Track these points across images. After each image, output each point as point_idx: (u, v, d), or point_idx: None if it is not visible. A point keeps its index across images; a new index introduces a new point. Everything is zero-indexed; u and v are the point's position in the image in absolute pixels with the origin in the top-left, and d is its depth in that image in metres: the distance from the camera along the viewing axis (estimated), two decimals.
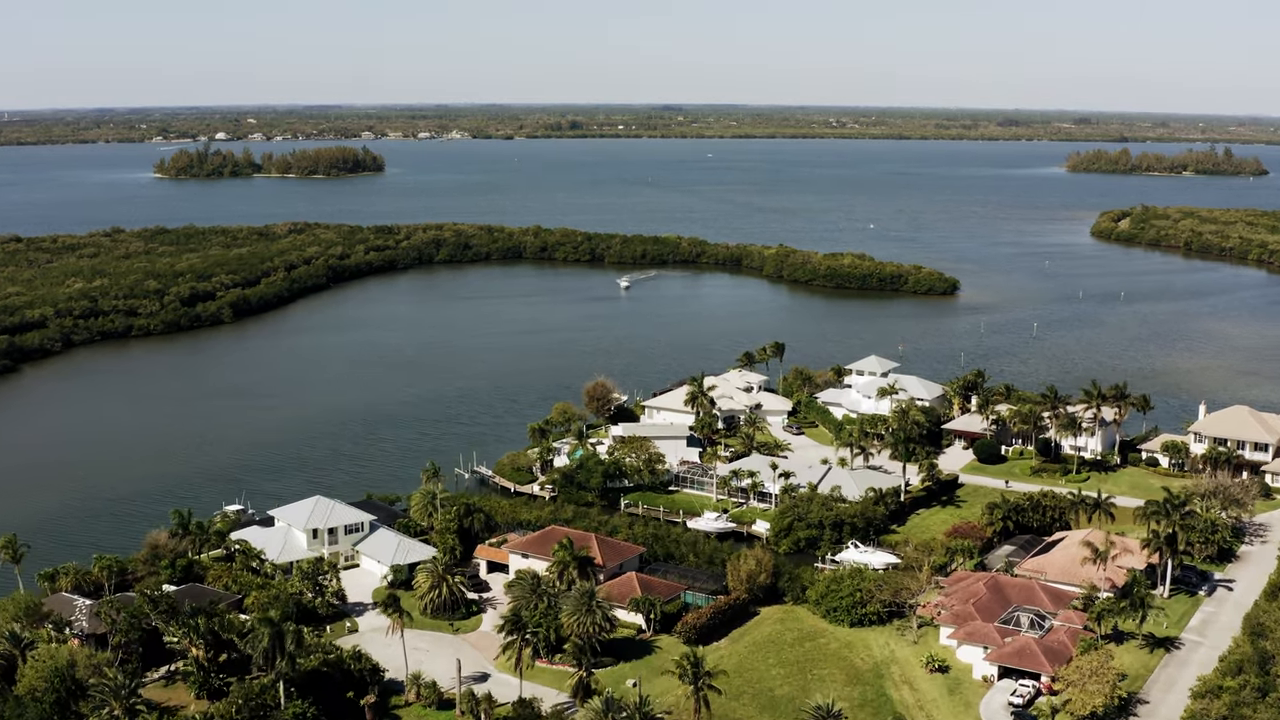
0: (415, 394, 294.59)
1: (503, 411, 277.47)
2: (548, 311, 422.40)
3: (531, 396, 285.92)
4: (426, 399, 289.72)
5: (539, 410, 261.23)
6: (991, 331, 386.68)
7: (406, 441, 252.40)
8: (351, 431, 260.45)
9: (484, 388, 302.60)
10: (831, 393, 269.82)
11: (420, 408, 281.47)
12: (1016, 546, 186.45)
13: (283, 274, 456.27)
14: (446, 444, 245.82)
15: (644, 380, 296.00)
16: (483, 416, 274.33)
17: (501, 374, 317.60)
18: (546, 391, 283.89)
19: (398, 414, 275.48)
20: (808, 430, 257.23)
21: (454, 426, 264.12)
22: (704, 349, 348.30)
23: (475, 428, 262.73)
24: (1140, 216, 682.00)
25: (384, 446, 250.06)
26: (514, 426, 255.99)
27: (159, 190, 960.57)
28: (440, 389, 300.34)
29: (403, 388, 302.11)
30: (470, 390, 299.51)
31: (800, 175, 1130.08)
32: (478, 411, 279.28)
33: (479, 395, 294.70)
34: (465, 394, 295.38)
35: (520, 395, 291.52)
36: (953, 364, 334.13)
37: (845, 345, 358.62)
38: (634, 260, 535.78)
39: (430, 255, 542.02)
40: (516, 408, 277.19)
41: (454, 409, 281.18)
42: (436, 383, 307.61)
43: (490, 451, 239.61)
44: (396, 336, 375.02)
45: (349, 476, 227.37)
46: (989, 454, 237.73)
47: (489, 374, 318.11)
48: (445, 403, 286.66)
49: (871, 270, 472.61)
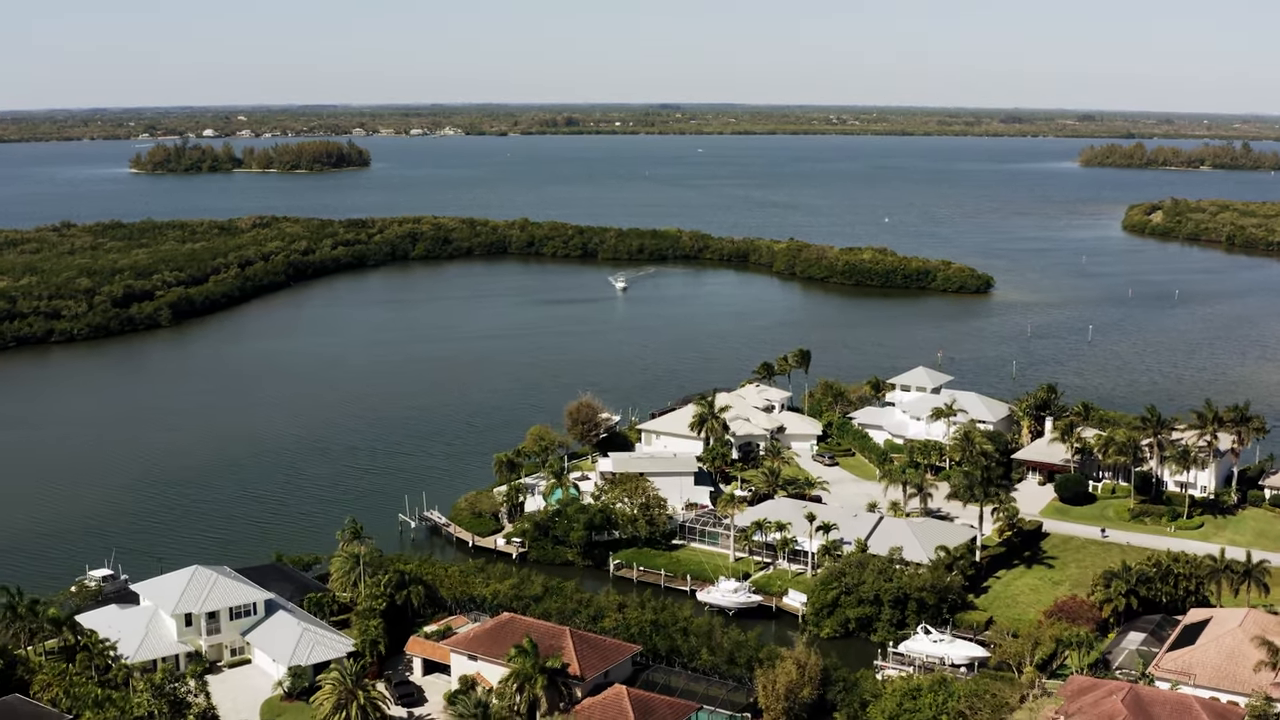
0: (359, 415, 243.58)
1: (465, 437, 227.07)
2: (530, 313, 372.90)
3: (502, 418, 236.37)
4: (373, 421, 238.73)
5: (510, 435, 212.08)
6: (1037, 336, 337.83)
7: (341, 479, 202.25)
8: (272, 465, 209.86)
9: (444, 406, 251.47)
10: (870, 412, 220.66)
11: (363, 433, 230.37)
12: (1146, 633, 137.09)
13: (235, 271, 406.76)
14: (391, 482, 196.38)
15: (641, 396, 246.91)
16: (440, 444, 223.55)
17: (468, 389, 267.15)
18: (521, 412, 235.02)
19: (334, 441, 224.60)
20: (843, 460, 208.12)
21: (403, 458, 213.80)
22: (712, 358, 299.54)
23: (429, 459, 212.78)
24: (1172, 210, 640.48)
25: (311, 486, 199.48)
26: (478, 457, 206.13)
27: (131, 185, 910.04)
28: (391, 408, 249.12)
29: (345, 407, 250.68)
30: (428, 410, 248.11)
31: (802, 170, 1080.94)
32: (434, 437, 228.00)
33: (437, 416, 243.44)
34: (421, 415, 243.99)
35: (488, 416, 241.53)
36: (1000, 374, 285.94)
37: (873, 352, 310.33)
38: (630, 256, 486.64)
39: (405, 251, 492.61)
40: (482, 432, 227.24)
41: (405, 434, 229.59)
42: (387, 400, 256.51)
43: (447, 490, 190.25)
44: (349, 343, 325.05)
45: (260, 528, 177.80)
46: (1075, 492, 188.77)
47: (452, 389, 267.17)
48: (395, 426, 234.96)
49: (895, 266, 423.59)
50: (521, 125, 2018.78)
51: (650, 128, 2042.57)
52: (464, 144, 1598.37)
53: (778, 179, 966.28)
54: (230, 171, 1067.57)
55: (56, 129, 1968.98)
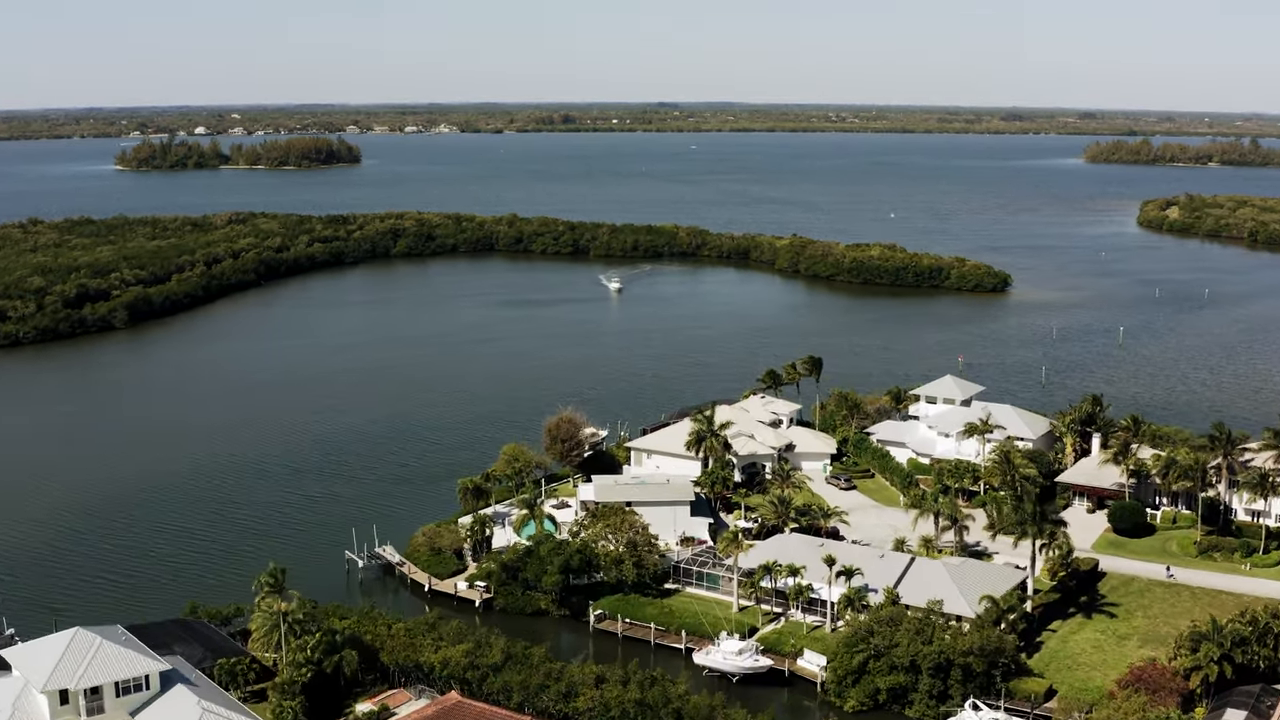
0: (309, 431, 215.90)
1: (429, 457, 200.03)
2: (514, 315, 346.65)
3: (473, 434, 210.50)
4: (323, 438, 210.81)
5: (480, 455, 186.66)
6: (1062, 338, 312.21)
7: (281, 509, 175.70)
8: (204, 492, 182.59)
9: (408, 420, 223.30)
10: (890, 427, 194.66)
11: (311, 452, 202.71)
12: (1246, 709, 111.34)
13: (201, 270, 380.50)
14: (340, 512, 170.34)
15: (632, 409, 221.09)
16: (399, 466, 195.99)
17: (436, 399, 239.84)
18: (495, 427, 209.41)
19: (277, 462, 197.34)
20: (861, 483, 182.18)
21: (354, 483, 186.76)
22: (711, 365, 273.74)
23: (385, 484, 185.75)
24: (1188, 206, 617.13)
25: (246, 517, 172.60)
26: (442, 481, 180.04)
27: (114, 182, 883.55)
28: (346, 422, 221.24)
29: (294, 421, 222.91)
30: (388, 424, 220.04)
31: (802, 167, 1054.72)
32: (392, 458, 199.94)
33: (398, 432, 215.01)
34: (379, 430, 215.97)
35: (458, 432, 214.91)
36: (1026, 381, 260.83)
37: (884, 357, 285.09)
38: (623, 253, 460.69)
39: (386, 247, 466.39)
40: (449, 451, 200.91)
41: (359, 454, 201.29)
42: (342, 413, 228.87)
43: (404, 521, 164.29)
44: (312, 347, 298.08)
45: (178, 571, 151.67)
46: (1132, 522, 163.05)
47: (419, 399, 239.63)
48: (348, 444, 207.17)
49: (905, 263, 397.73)
50: (518, 123, 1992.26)
51: (648, 125, 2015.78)
52: (458, 141, 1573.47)
53: (776, 175, 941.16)
54: (217, 168, 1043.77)
55: (48, 127, 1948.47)
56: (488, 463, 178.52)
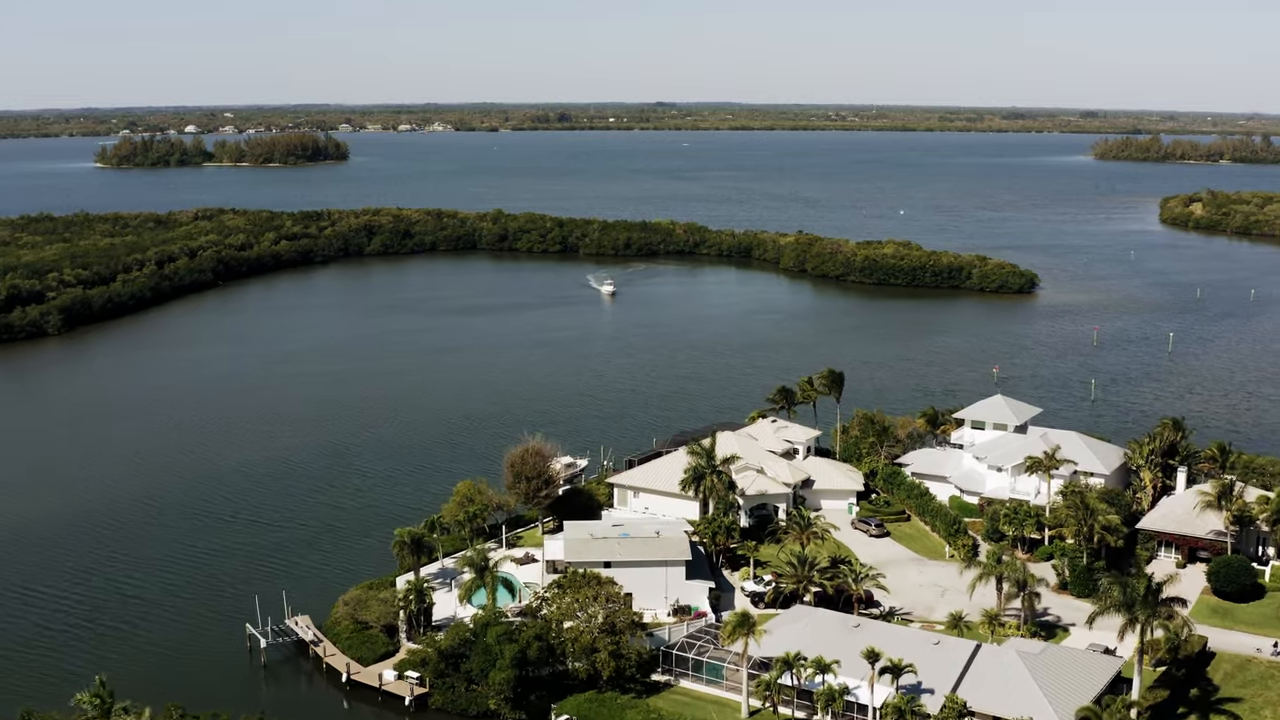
0: (217, 462, 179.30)
1: (363, 496, 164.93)
2: (492, 320, 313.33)
3: (425, 466, 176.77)
4: (234, 471, 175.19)
5: (430, 494, 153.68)
6: (1101, 346, 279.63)
7: (167, 567, 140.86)
8: (76, 545, 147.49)
9: (343, 449, 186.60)
10: (928, 457, 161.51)
11: (215, 491, 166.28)
12: None
13: (151, 269, 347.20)
14: (243, 571, 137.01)
15: (617, 433, 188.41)
16: (326, 508, 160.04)
17: (384, 424, 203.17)
18: (451, 458, 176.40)
19: (174, 503, 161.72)
20: (895, 527, 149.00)
21: (265, 530, 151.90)
22: (711, 379, 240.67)
23: (308, 533, 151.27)
24: (1211, 202, 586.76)
25: (120, 578, 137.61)
26: (377, 529, 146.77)
27: (91, 179, 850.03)
28: (266, 452, 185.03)
29: (203, 450, 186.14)
30: (318, 453, 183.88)
31: (803, 164, 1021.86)
32: (316, 496, 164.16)
33: (329, 464, 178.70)
34: (306, 462, 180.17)
35: (405, 463, 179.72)
36: (1068, 397, 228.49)
37: (906, 367, 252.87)
38: (615, 251, 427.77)
39: (360, 245, 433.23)
40: (392, 488, 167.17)
41: (276, 493, 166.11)
42: (265, 438, 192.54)
43: (327, 584, 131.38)
44: (248, 357, 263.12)
45: (16, 661, 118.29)
46: (1238, 582, 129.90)
47: (362, 423, 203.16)
48: (266, 479, 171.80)
49: (922, 262, 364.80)
50: (513, 121, 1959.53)
51: (646, 124, 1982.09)
52: (452, 139, 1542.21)
53: (777, 172, 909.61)
54: (200, 166, 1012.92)
55: (36, 125, 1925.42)
56: (439, 503, 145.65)
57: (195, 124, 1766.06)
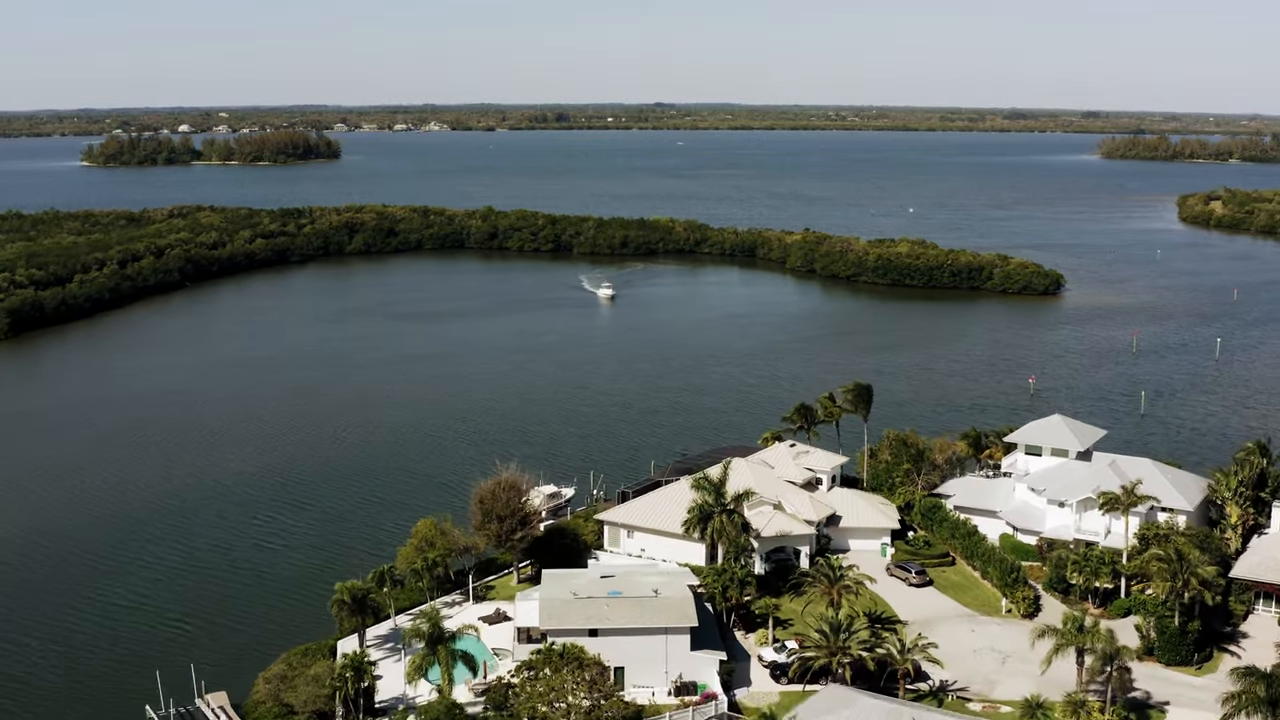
0: (139, 497, 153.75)
1: (305, 537, 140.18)
2: (475, 326, 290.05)
3: (384, 498, 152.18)
4: (152, 508, 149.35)
5: (381, 537, 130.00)
6: (1140, 352, 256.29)
7: (55, 634, 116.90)
8: None
9: (290, 479, 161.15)
10: (971, 488, 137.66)
11: (130, 534, 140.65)
12: None
13: (113, 269, 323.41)
14: (150, 634, 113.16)
15: (610, 458, 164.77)
16: (253, 550, 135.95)
17: (339, 446, 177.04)
18: (414, 489, 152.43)
19: (76, 549, 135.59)
20: (938, 573, 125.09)
21: (181, 585, 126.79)
22: (716, 392, 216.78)
23: (234, 586, 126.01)
24: (1231, 200, 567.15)
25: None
26: (313, 583, 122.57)
27: (75, 178, 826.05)
28: (193, 484, 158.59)
29: (121, 482, 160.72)
30: (260, 486, 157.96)
31: (803, 163, 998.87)
32: (245, 541, 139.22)
33: (270, 498, 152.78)
34: (241, 497, 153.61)
35: (359, 496, 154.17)
36: (1113, 412, 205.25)
37: (928, 377, 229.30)
38: (611, 250, 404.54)
39: (341, 244, 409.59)
40: (338, 527, 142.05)
41: (195, 536, 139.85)
42: (198, 472, 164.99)
43: (248, 653, 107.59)
44: (195, 367, 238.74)
45: None
46: None
47: (313, 444, 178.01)
48: (184, 520, 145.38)
49: (939, 261, 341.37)
50: (510, 121, 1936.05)
51: (644, 124, 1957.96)
52: (448, 139, 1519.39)
53: (776, 170, 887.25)
54: (189, 164, 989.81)
55: (29, 125, 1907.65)
56: (394, 544, 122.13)
57: (190, 124, 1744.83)
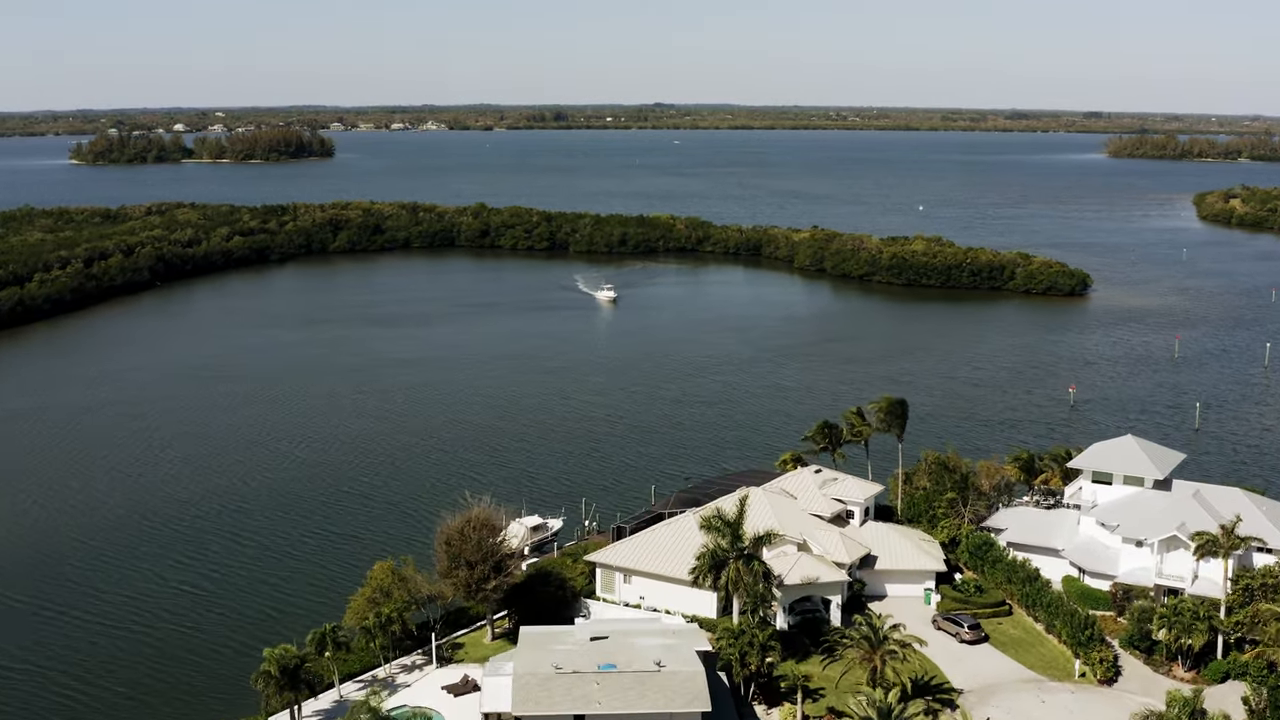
0: (35, 529, 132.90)
1: (237, 579, 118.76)
2: (458, 331, 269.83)
3: (323, 538, 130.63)
4: (58, 541, 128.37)
5: (327, 583, 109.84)
6: (1181, 359, 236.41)
7: None
8: None
9: (225, 513, 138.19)
10: (1024, 520, 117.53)
11: (32, 577, 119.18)
12: None
13: (77, 268, 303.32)
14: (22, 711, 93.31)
15: (603, 482, 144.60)
16: (168, 600, 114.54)
17: (273, 473, 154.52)
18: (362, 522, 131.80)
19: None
20: (992, 624, 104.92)
21: (71, 642, 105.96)
22: (721, 405, 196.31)
23: (131, 646, 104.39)
24: (1250, 198, 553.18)
25: None
26: (235, 638, 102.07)
27: (58, 175, 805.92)
28: (105, 518, 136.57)
29: (18, 510, 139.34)
30: (179, 515, 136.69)
31: (804, 161, 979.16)
32: (166, 586, 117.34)
33: (189, 533, 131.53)
34: (165, 539, 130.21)
35: (296, 535, 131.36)
36: (1159, 424, 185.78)
37: (953, 388, 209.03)
38: (609, 248, 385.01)
39: (324, 242, 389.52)
40: (272, 574, 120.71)
41: (108, 583, 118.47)
42: (112, 496, 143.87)
43: None
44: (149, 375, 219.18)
45: None
46: None
47: (261, 468, 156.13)
48: (100, 563, 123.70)
49: (957, 260, 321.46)
50: (508, 120, 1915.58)
51: (644, 123, 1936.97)
52: (445, 138, 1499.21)
53: (777, 168, 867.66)
54: (179, 162, 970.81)
55: (22, 124, 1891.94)
56: (345, 593, 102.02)
57: (186, 124, 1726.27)
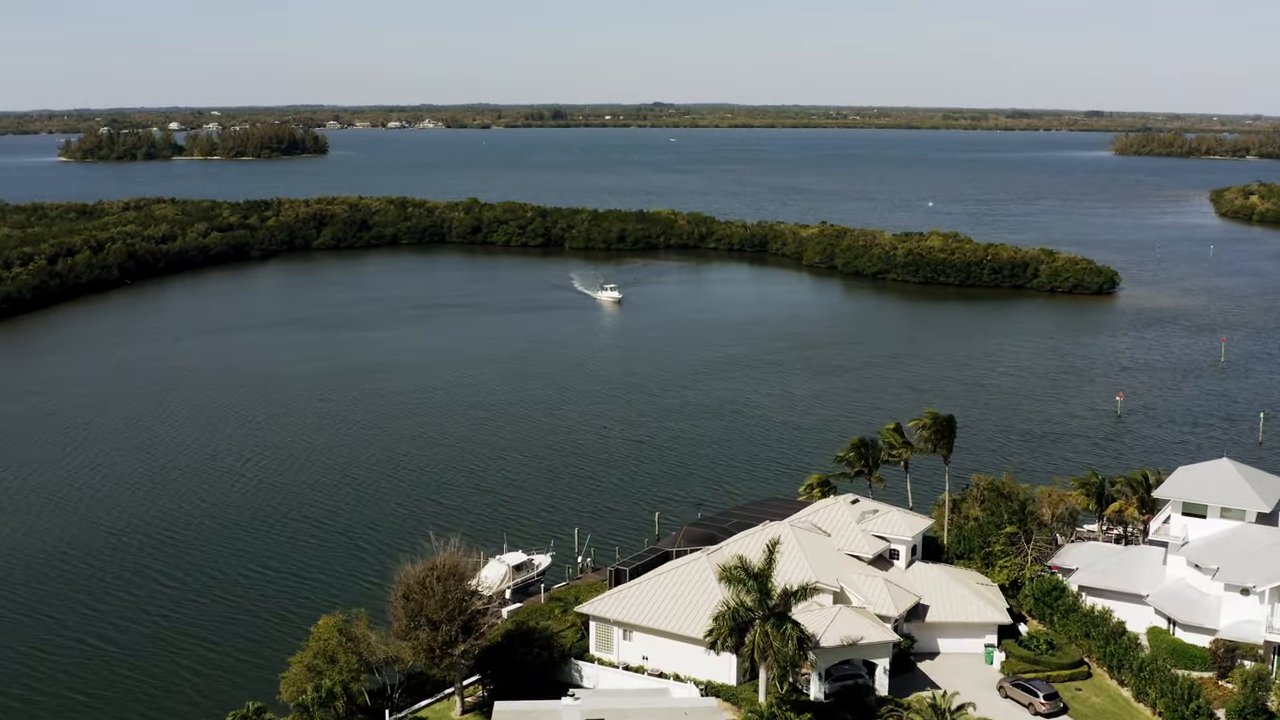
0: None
1: (134, 649, 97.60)
2: (441, 336, 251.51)
3: (259, 585, 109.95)
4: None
5: (261, 639, 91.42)
6: (1228, 365, 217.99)
7: None
8: None
9: (137, 545, 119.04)
10: (1097, 558, 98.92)
11: None
12: None
13: (41, 265, 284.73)
14: None
15: (602, 512, 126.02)
16: (75, 655, 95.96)
17: (210, 502, 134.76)
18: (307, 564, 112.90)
19: None
20: (1069, 689, 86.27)
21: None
22: (730, 414, 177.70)
23: None
24: (1268, 194, 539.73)
25: None
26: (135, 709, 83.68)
27: (44, 172, 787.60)
28: (33, 553, 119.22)
29: None
30: (119, 546, 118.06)
31: (805, 159, 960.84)
32: (75, 647, 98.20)
33: (101, 573, 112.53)
34: (67, 569, 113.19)
35: (226, 580, 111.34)
36: (1215, 436, 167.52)
37: (980, 400, 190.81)
38: (607, 245, 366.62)
39: (308, 238, 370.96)
40: (196, 630, 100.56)
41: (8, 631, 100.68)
42: (47, 527, 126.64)
43: None
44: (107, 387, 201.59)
45: None
46: None
47: (178, 498, 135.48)
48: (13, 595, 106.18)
49: (977, 257, 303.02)
50: (506, 119, 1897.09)
51: (643, 122, 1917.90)
52: (442, 136, 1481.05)
53: (777, 166, 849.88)
54: (169, 159, 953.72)
55: (16, 123, 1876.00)
56: (283, 654, 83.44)
57: (181, 122, 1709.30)
